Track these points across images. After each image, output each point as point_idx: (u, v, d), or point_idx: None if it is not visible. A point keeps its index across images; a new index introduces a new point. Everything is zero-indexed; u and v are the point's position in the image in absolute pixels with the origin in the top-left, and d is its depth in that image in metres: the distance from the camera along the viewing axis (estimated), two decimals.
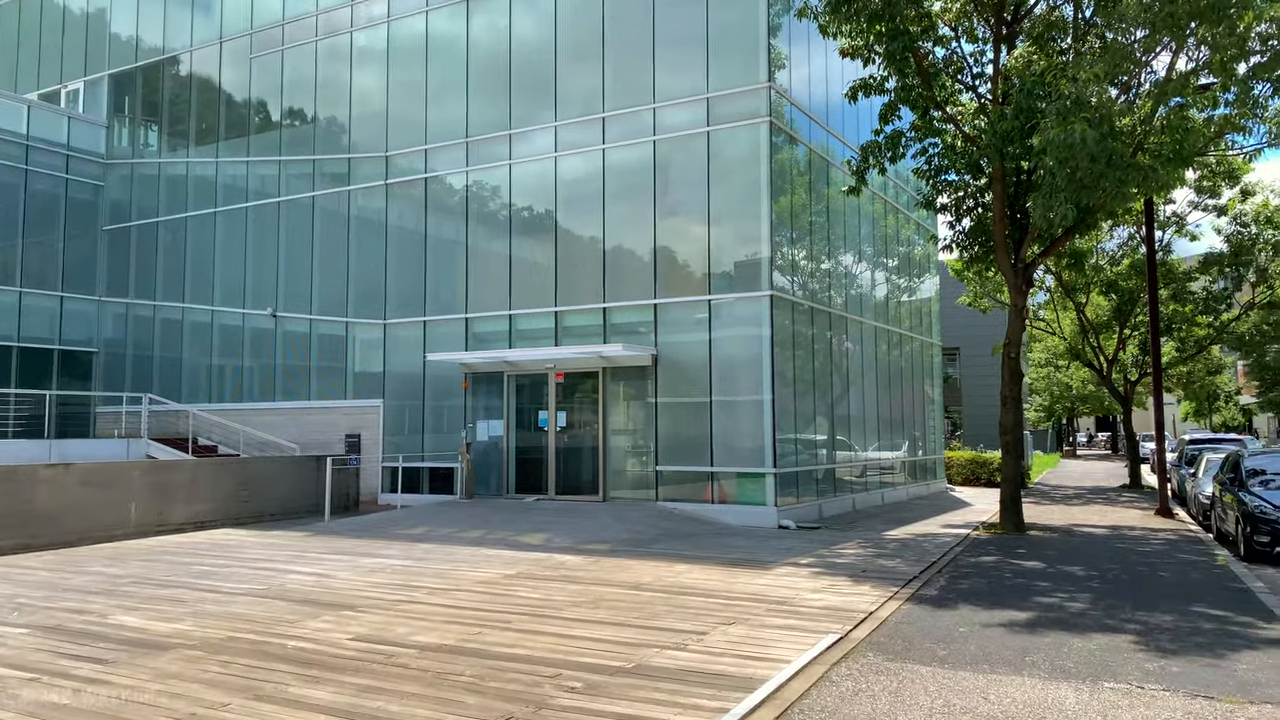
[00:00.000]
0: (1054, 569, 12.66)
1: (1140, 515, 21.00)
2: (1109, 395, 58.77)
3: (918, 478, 27.46)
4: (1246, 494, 15.31)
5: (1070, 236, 17.39)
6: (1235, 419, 71.48)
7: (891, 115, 17.05)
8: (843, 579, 11.63)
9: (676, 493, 19.11)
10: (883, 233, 26.09)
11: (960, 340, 53.17)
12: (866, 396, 24.07)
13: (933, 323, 30.16)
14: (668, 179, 19.80)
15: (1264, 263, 27.44)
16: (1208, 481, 19.87)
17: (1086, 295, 30.54)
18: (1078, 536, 16.77)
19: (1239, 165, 27.09)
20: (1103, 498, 26.63)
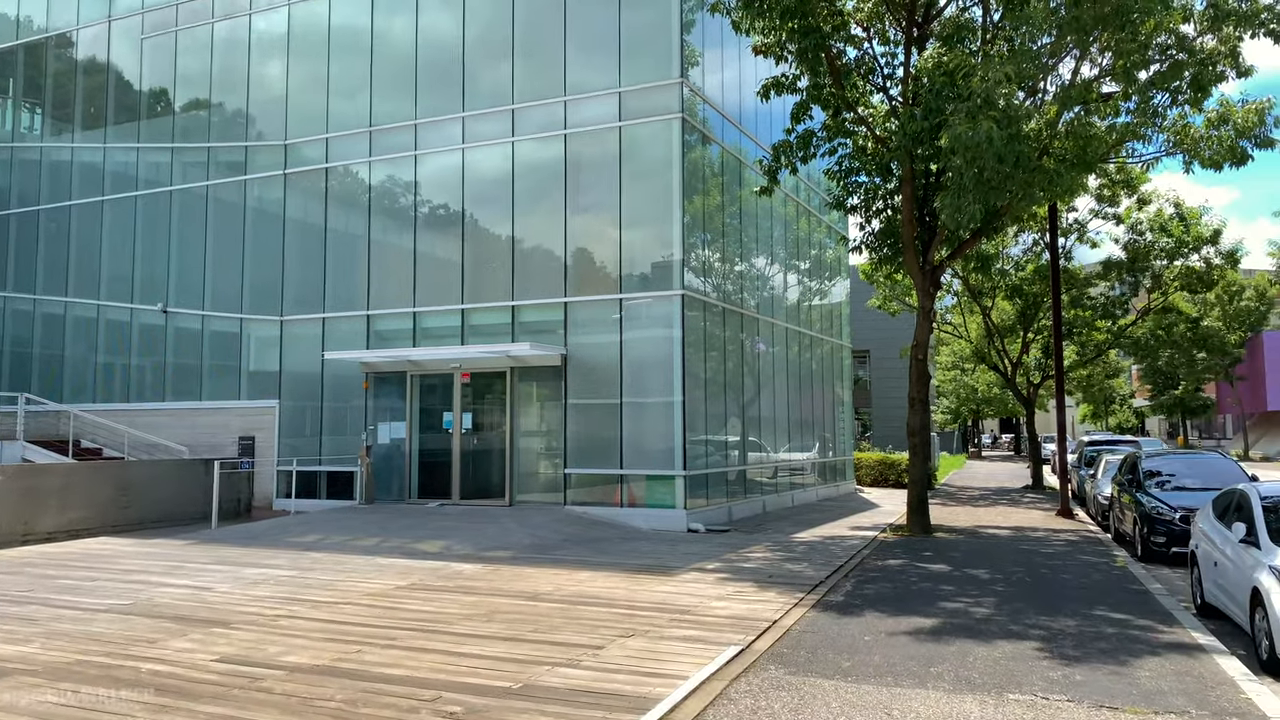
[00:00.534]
0: (960, 572, 12.60)
1: (1042, 516, 21.34)
2: (1013, 398, 60.61)
3: (827, 479, 27.54)
4: (1144, 495, 15.58)
5: (977, 240, 17.53)
6: (1129, 421, 74.36)
7: (803, 115, 16.91)
8: (749, 585, 11.33)
9: (586, 496, 18.65)
10: (795, 235, 26.08)
11: (870, 343, 53.96)
12: (778, 398, 23.99)
13: (843, 325, 30.35)
14: (579, 174, 19.33)
15: (1158, 270, 28.31)
16: (1106, 483, 20.29)
17: (992, 300, 31.12)
18: (983, 538, 16.86)
19: (1137, 175, 27.92)
20: (1007, 499, 27.10)
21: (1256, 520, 8.65)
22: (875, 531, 17.65)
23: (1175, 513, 14.69)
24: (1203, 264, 27.58)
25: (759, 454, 22.50)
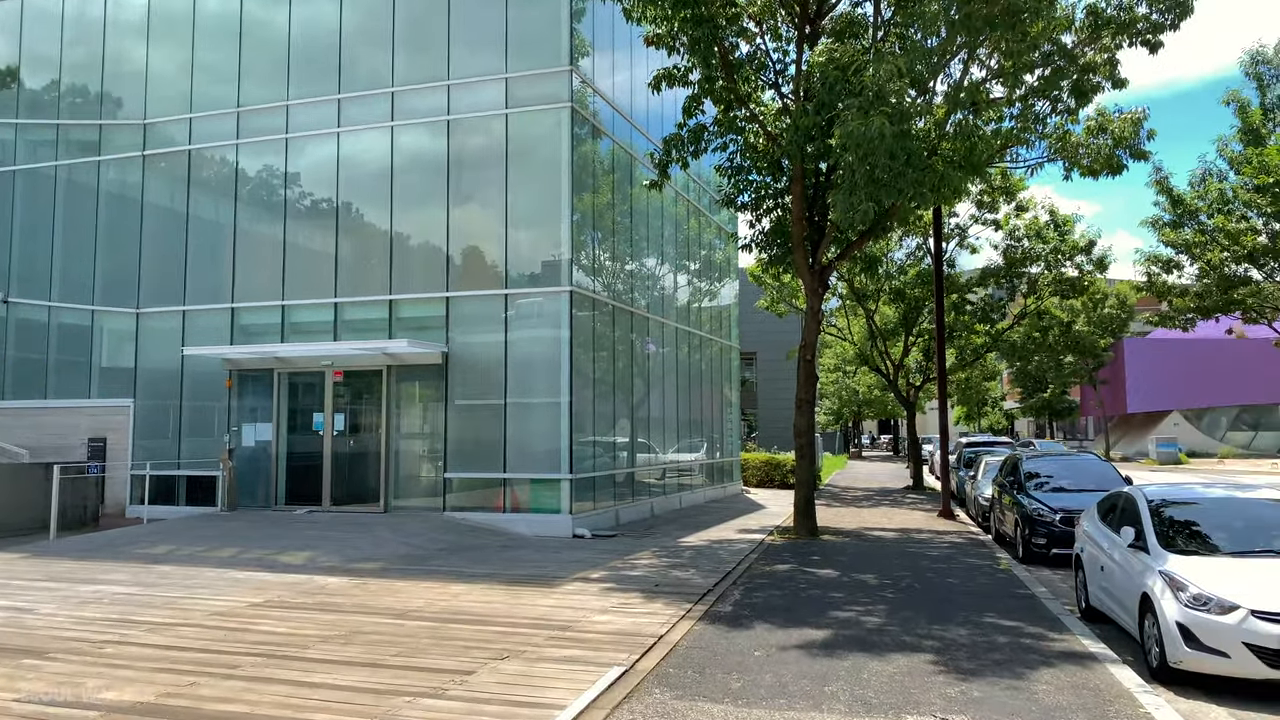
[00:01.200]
0: (848, 577, 12.34)
1: (925, 517, 21.53)
2: (893, 400, 62.26)
3: (715, 480, 27.33)
4: (1025, 497, 15.72)
5: (865, 240, 17.46)
6: (1000, 423, 77.34)
7: (695, 109, 16.49)
8: (634, 596, 10.77)
9: (467, 501, 17.79)
10: (685, 235, 25.74)
11: (757, 345, 54.43)
12: (667, 399, 23.59)
13: (732, 327, 30.23)
14: (463, 163, 18.45)
15: (1034, 275, 29.16)
16: (987, 484, 20.59)
17: (876, 303, 31.55)
18: (869, 541, 16.78)
19: (1015, 183, 28.69)
20: (889, 499, 27.41)
21: (1144, 524, 8.56)
22: (763, 535, 17.38)
23: (1055, 514, 14.85)
24: (1075, 270, 28.54)
25: (648, 455, 22.05)
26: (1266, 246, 23.71)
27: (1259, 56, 24.07)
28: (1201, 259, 25.29)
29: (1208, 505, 8.86)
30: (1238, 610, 7.12)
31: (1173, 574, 7.67)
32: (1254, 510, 8.70)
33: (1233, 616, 7.12)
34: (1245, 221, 24.17)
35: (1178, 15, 14.34)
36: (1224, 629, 7.12)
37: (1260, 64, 24.03)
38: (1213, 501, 8.93)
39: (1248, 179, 23.59)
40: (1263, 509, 8.71)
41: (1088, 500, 15.26)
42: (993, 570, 13.21)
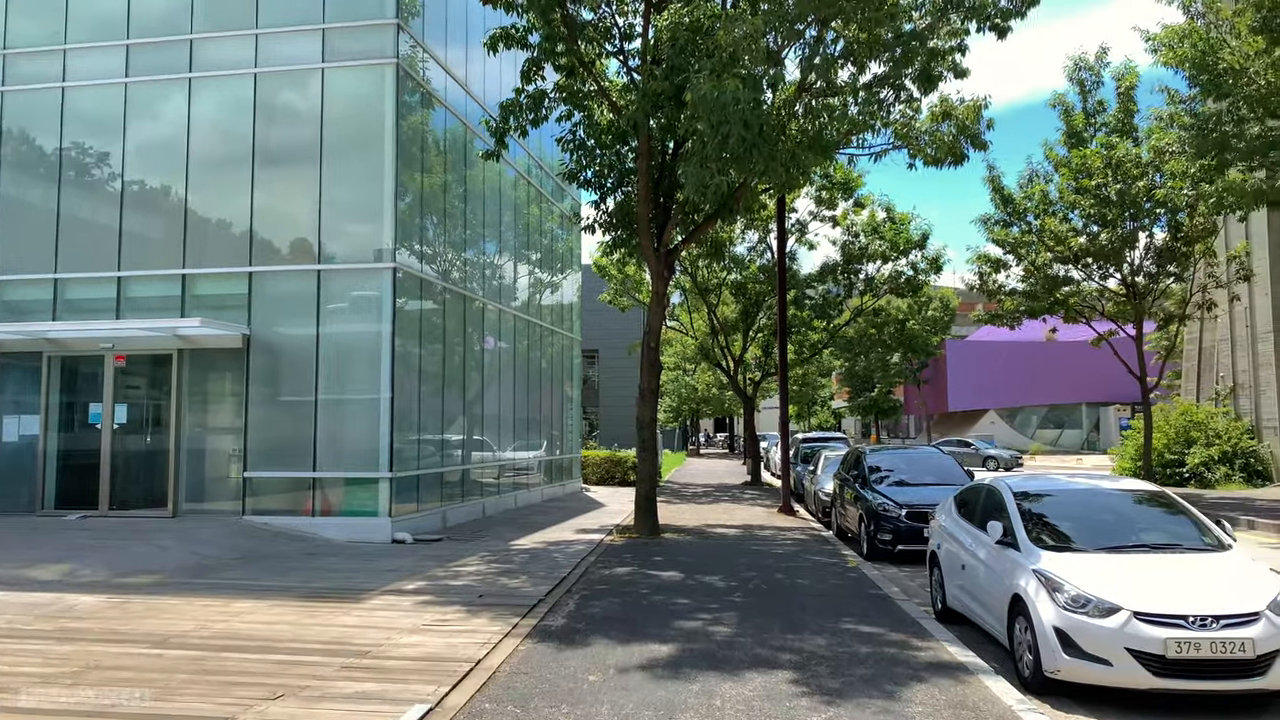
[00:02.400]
0: (693, 580, 11.36)
1: (765, 513, 21.01)
2: (730, 397, 62.90)
3: (554, 478, 26.09)
4: (870, 491, 15.26)
5: (712, 224, 16.63)
6: (829, 421, 79.62)
7: (535, 74, 15.20)
8: (454, 610, 9.38)
9: (271, 504, 15.81)
10: (526, 221, 24.34)
11: (599, 342, 53.58)
12: (504, 393, 22.14)
13: (574, 320, 29.06)
14: (273, 123, 16.41)
15: (871, 273, 29.41)
16: (827, 479, 20.23)
17: (718, 297, 31.13)
18: (712, 539, 15.95)
19: (853, 179, 28.81)
20: (729, 495, 26.93)
21: (1012, 519, 7.90)
22: (602, 535, 16.27)
23: (901, 510, 14.42)
24: (910, 269, 28.94)
25: (483, 453, 20.56)
26: (1086, 247, 24.51)
27: (1081, 63, 24.88)
28: (1027, 259, 25.96)
29: (1073, 498, 8.31)
30: (1120, 612, 6.47)
31: (1047, 573, 7.00)
32: (1119, 503, 8.21)
33: (1114, 619, 6.47)
34: (1068, 223, 24.93)
35: (1026, 3, 14.16)
36: (1105, 633, 6.46)
37: (1083, 70, 24.84)
38: (1077, 494, 8.39)
39: (1069, 181, 24.32)
40: (1128, 501, 8.23)
41: (933, 495, 14.98)
42: (841, 569, 12.55)
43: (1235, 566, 7.00)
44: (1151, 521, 7.86)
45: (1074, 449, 67.83)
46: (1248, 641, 6.25)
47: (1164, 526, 7.76)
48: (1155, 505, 8.09)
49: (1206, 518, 7.82)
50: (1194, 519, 7.79)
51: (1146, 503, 8.16)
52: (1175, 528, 7.70)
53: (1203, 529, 7.64)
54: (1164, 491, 8.33)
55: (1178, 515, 7.88)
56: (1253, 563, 7.14)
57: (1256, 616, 6.37)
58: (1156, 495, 8.25)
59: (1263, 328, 29.34)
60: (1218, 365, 32.95)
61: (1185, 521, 7.78)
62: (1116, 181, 23.51)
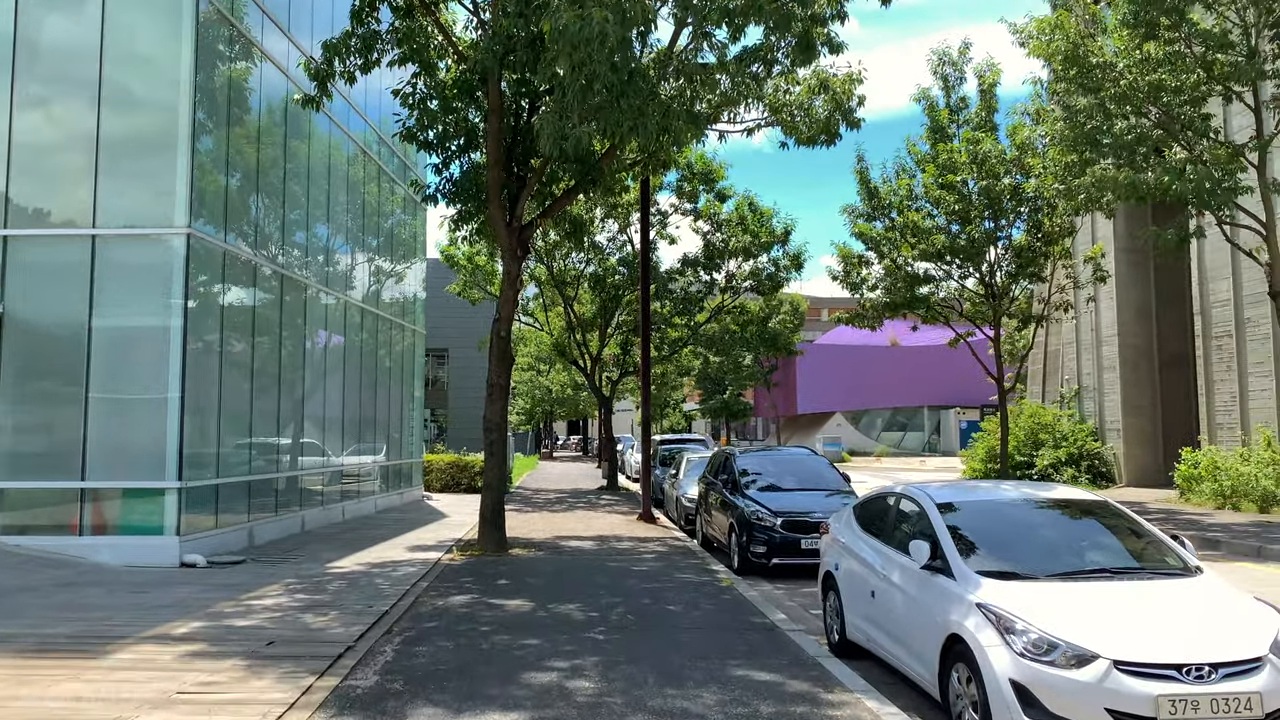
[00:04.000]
0: (546, 611, 9.48)
1: (624, 521, 19.33)
2: (585, 398, 61.21)
3: (392, 485, 23.62)
4: (741, 498, 13.78)
5: (574, 197, 14.77)
6: (680, 423, 79.35)
7: (369, 14, 12.95)
8: (230, 665, 7.17)
9: (27, 520, 12.91)
10: (364, 200, 21.79)
11: (449, 341, 50.82)
12: (336, 391, 19.57)
13: (418, 311, 26.62)
14: (37, 55, 13.46)
15: (733, 268, 28.26)
16: (691, 483, 18.75)
17: (576, 290, 29.33)
18: (567, 554, 14.10)
19: (716, 170, 27.59)
20: (584, 502, 25.18)
21: (941, 538, 6.39)
22: (440, 552, 14.15)
23: (777, 519, 12.99)
24: (772, 265, 27.93)
25: (308, 458, 18.02)
26: (949, 245, 24.07)
27: (945, 58, 24.43)
28: (890, 255, 25.37)
29: (1006, 512, 6.89)
30: (1096, 661, 5.02)
31: (995, 608, 5.50)
32: (1060, 517, 6.86)
33: (1090, 671, 5.01)
34: (932, 220, 24.45)
35: None
36: (1079, 689, 5.00)
37: (946, 64, 24.40)
38: (1010, 507, 6.97)
39: (934, 177, 23.82)
40: (1070, 514, 6.88)
41: (810, 501, 13.64)
42: (715, 589, 10.93)
43: (1216, 596, 5.69)
44: (1102, 539, 6.52)
45: (916, 451, 69.74)
46: (1254, 696, 4.91)
47: (1117, 545, 6.43)
48: (1102, 519, 6.77)
49: (1163, 533, 6.55)
50: (1150, 536, 6.50)
51: (1092, 516, 6.82)
52: (1131, 547, 6.38)
53: (1162, 548, 6.35)
54: (1107, 502, 7.04)
55: (1131, 531, 6.57)
56: (1234, 590, 5.86)
57: (1259, 663, 5.04)
58: (1100, 507, 6.94)
59: (1107, 331, 29.90)
60: (1063, 368, 33.58)
61: (1141, 539, 6.48)
62: (982, 177, 23.12)
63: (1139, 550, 6.28)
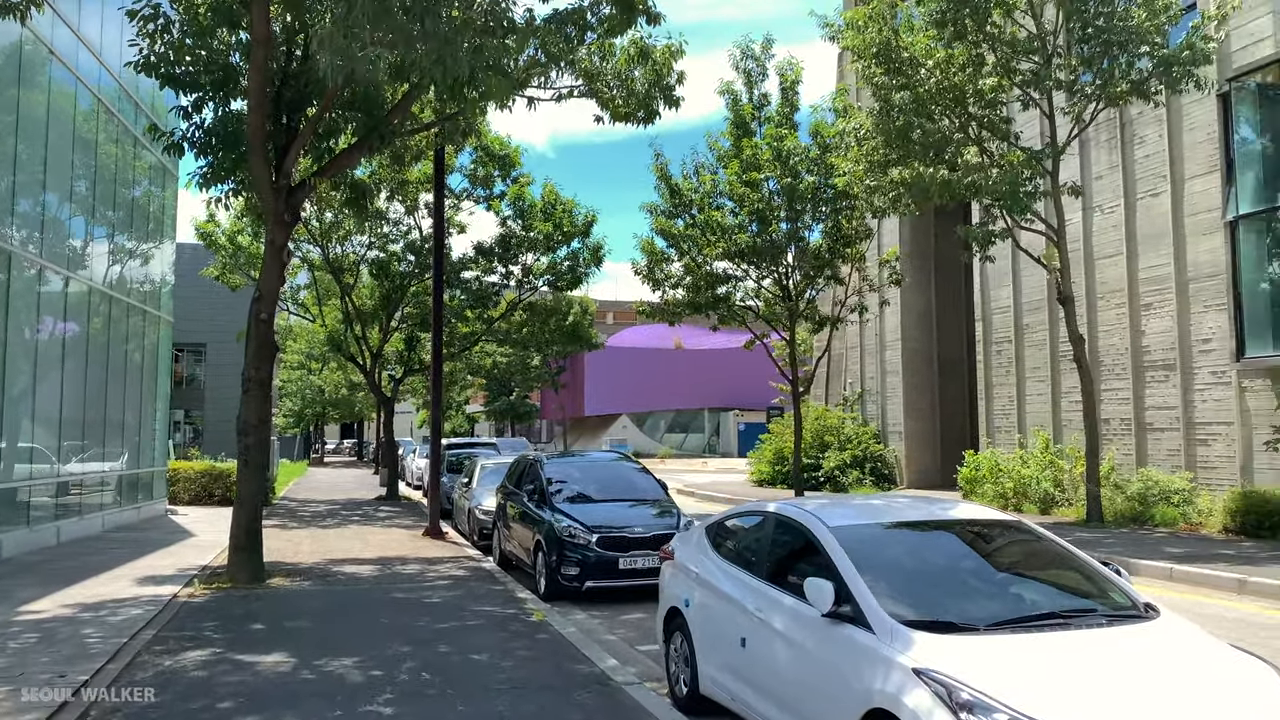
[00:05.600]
0: (313, 671, 7.35)
1: (409, 538, 17.11)
2: (362, 399, 57.26)
3: (128, 498, 20.05)
4: (550, 511, 12.07)
5: (356, 157, 12.42)
6: (463, 426, 76.75)
7: None
8: None
9: None
10: (98, 165, 18.16)
11: (207, 335, 45.70)
12: (55, 384, 16.04)
13: (164, 298, 22.96)
14: None
15: (530, 262, 26.48)
16: (487, 493, 16.84)
17: (356, 276, 26.50)
18: (340, 584, 11.84)
19: (513, 154, 25.74)
20: (360, 513, 22.59)
21: (848, 578, 4.93)
22: (178, 585, 11.49)
23: (592, 535, 11.39)
24: (571, 259, 26.39)
25: (23, 466, 14.58)
26: (751, 244, 23.49)
27: (747, 52, 23.83)
28: (689, 254, 24.52)
29: (918, 539, 5.54)
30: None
31: (942, 676, 4.09)
32: (978, 543, 5.58)
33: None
34: (735, 218, 23.79)
35: None
36: None
37: (749, 59, 23.82)
38: (920, 533, 5.60)
39: (736, 174, 23.16)
40: (986, 539, 5.62)
41: (629, 515, 12.06)
42: (526, 627, 9.14)
43: (1197, 649, 4.51)
44: (1034, 572, 5.30)
45: (697, 453, 70.78)
46: None
47: (1050, 579, 5.21)
48: (1026, 544, 5.57)
49: (1091, 558, 5.41)
50: (1083, 564, 5.32)
51: (1013, 541, 5.61)
52: (1069, 581, 5.16)
53: (1100, 580, 5.17)
54: (1021, 522, 5.85)
55: (1060, 559, 5.38)
56: (1208, 639, 4.71)
57: None
58: (1016, 528, 5.76)
59: (891, 336, 30.55)
60: (846, 371, 34.20)
61: (1075, 569, 5.29)
62: (785, 175, 22.64)
63: (1078, 585, 5.09)
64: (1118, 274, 20.90)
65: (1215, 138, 18.58)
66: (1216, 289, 18.56)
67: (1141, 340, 20.32)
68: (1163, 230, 19.75)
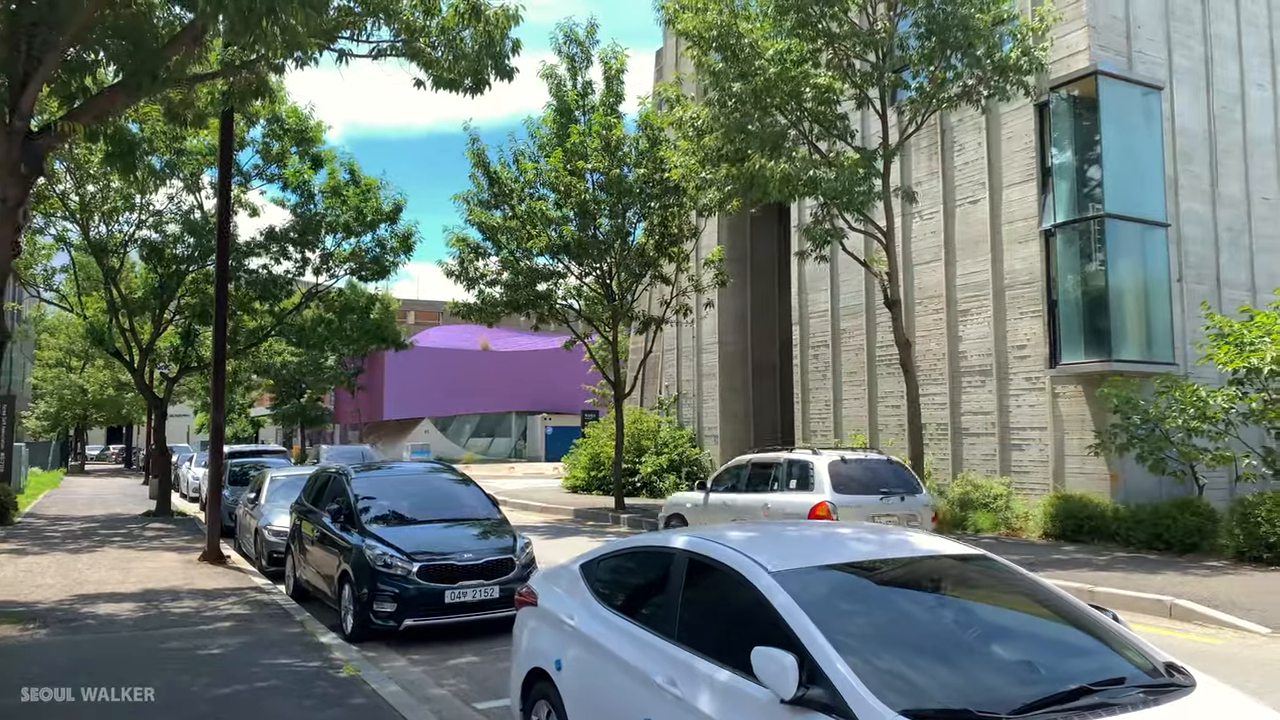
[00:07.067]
0: None
1: (182, 564, 14.59)
2: (132, 400, 51.43)
3: None
4: (359, 535, 10.22)
5: (120, 100, 9.91)
6: (246, 430, 71.39)
7: None
8: None
9: None
10: None
11: None
12: None
13: None
14: None
15: (330, 247, 23.96)
16: (278, 510, 14.60)
17: (123, 259, 23.05)
18: (89, 632, 9.50)
19: (313, 130, 23.25)
20: (123, 532, 19.50)
21: (812, 648, 3.60)
22: None
23: (412, 564, 9.66)
24: (377, 246, 24.10)
25: None
26: (577, 238, 22.24)
27: (570, 35, 22.57)
28: (508, 248, 22.97)
29: (892, 593, 4.24)
30: None
31: None
32: (952, 591, 4.42)
33: None
34: (560, 209, 22.45)
35: None
36: None
37: (572, 44, 22.58)
38: (892, 583, 4.29)
39: (559, 163, 21.85)
40: (964, 588, 4.47)
41: (454, 538, 10.30)
42: (337, 689, 7.34)
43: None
44: (1033, 627, 4.15)
45: (504, 458, 68.90)
46: None
47: (1053, 635, 4.10)
48: (1001, 583, 4.46)
49: (1080, 602, 4.39)
50: (1074, 611, 4.24)
51: (990, 581, 4.48)
52: (1070, 636, 4.05)
53: (1105, 632, 4.12)
54: (985, 554, 4.73)
55: (1057, 608, 4.22)
56: (1259, 708, 3.74)
57: None
58: (985, 561, 4.62)
59: (709, 338, 30.15)
60: (662, 374, 33.58)
61: (1069, 617, 4.17)
62: (614, 166, 21.53)
63: (1085, 642, 3.98)
64: (936, 280, 21.11)
65: (1033, 147, 19.02)
66: (1032, 296, 18.97)
67: (959, 346, 20.58)
68: (981, 237, 20.06)
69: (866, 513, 12.18)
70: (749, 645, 3.70)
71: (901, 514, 12.60)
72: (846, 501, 12.32)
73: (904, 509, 12.68)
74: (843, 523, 10.61)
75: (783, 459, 13.80)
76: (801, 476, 13.15)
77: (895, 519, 12.41)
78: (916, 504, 12.92)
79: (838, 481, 12.62)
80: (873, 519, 11.93)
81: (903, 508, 12.68)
